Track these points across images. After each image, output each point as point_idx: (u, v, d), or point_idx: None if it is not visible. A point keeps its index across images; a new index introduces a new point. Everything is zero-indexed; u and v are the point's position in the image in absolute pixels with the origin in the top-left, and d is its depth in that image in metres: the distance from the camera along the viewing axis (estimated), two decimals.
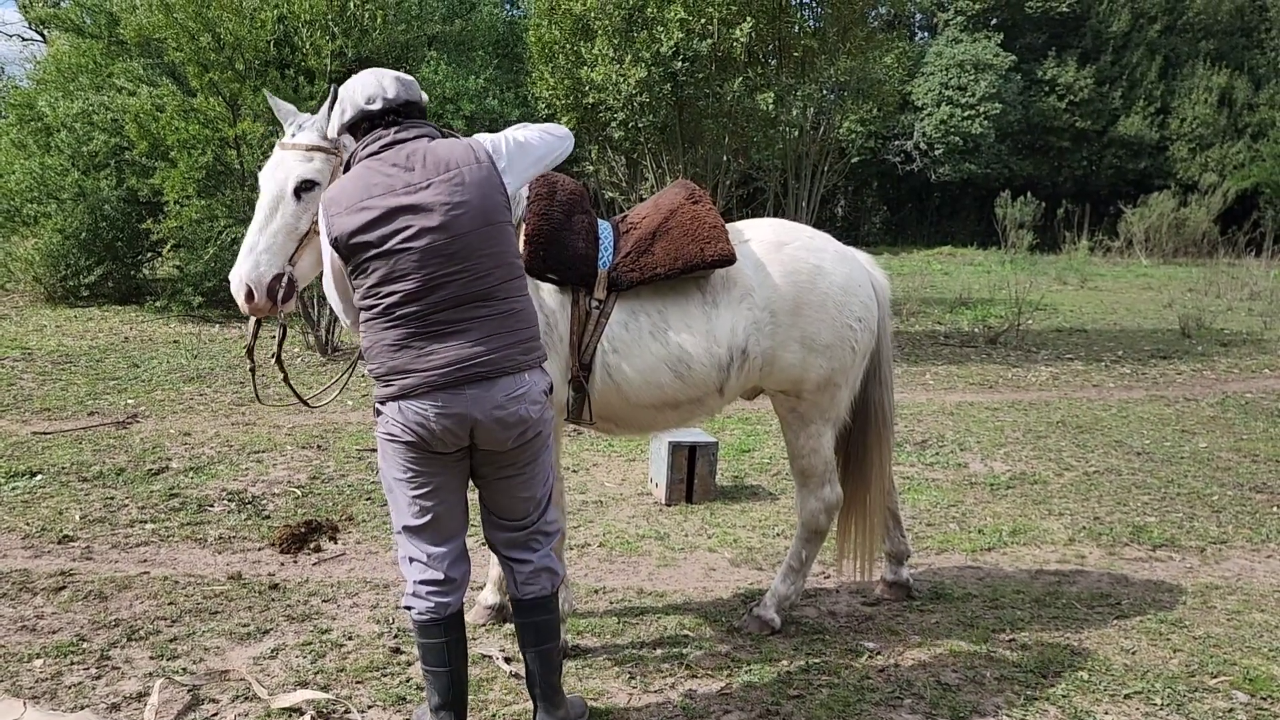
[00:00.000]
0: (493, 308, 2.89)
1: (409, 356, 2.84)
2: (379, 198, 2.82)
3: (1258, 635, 4.19)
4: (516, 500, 3.08)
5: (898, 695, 3.60)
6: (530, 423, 2.94)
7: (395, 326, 2.84)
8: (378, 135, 2.97)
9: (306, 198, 3.19)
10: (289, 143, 3.27)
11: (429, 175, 2.85)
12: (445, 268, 2.81)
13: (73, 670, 3.65)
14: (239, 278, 3.15)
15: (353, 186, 2.87)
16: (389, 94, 3.00)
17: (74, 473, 6.05)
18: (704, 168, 12.33)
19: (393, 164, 2.88)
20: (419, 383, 2.82)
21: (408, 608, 3.04)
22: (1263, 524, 5.69)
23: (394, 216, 2.80)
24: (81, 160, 13.19)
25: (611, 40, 11.15)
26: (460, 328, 2.84)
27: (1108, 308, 16.27)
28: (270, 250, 3.17)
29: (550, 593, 3.12)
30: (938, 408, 8.65)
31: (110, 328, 11.83)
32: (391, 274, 2.81)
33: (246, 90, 9.25)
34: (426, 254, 2.79)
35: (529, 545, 3.12)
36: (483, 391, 2.84)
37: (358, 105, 3.02)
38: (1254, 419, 8.43)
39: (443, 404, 2.82)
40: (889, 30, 17.60)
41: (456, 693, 3.06)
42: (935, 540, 5.34)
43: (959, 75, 28.65)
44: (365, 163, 2.92)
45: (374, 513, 5.53)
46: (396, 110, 3.01)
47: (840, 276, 3.90)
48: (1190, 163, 29.80)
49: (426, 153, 2.90)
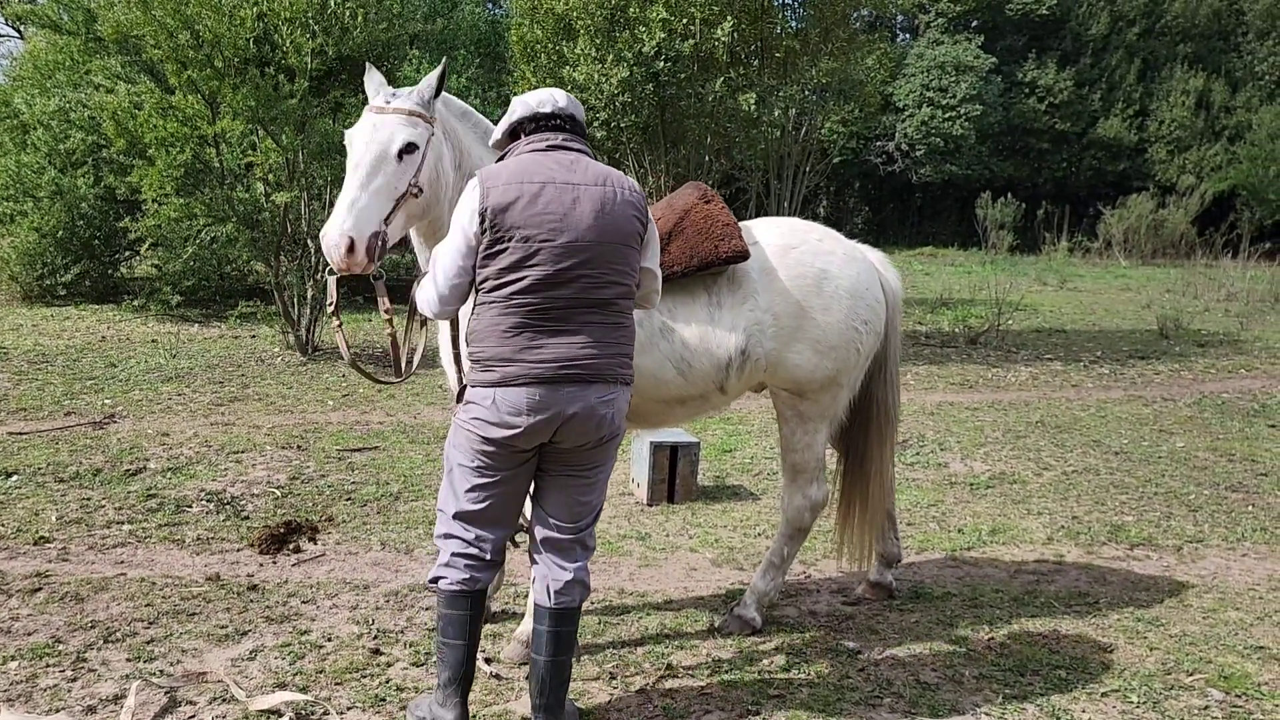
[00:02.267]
0: (605, 317, 3.02)
1: (517, 346, 2.93)
2: (537, 184, 2.96)
3: (1233, 633, 4.22)
4: (574, 503, 3.14)
5: (877, 694, 3.61)
6: (610, 427, 3.05)
7: (512, 314, 2.94)
8: (545, 137, 3.12)
9: (407, 159, 3.24)
10: (388, 107, 3.29)
11: (586, 181, 3.02)
12: (576, 269, 2.94)
13: (48, 672, 3.61)
14: (340, 231, 3.09)
15: (515, 168, 3.01)
16: (559, 104, 3.18)
17: (50, 473, 5.99)
18: (686, 168, 12.34)
19: (556, 162, 3.03)
20: (521, 373, 2.92)
21: (437, 579, 3.12)
22: (1238, 523, 5.74)
23: (547, 206, 2.93)
24: (58, 158, 13.07)
25: (594, 40, 11.15)
26: (572, 328, 2.96)
27: (1087, 308, 16.39)
28: (371, 207, 3.17)
29: (578, 605, 3.16)
30: (918, 408, 8.68)
31: (87, 327, 11.73)
32: (525, 260, 2.91)
33: (225, 88, 9.17)
34: (564, 250, 2.92)
35: (570, 553, 3.17)
36: (579, 390, 2.95)
37: (529, 107, 3.19)
38: (1230, 419, 8.50)
39: (540, 398, 2.91)
40: (871, 32, 17.66)
41: (467, 669, 3.16)
42: (915, 540, 5.36)
43: (940, 77, 28.81)
44: (530, 154, 3.07)
45: (354, 513, 5.50)
46: (562, 119, 3.17)
47: (848, 280, 3.92)
48: (1168, 165, 30.08)
49: (588, 164, 3.08)
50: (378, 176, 3.19)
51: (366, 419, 7.73)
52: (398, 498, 5.81)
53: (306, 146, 9.59)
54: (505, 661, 3.78)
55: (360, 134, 3.25)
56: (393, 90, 3.35)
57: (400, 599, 4.37)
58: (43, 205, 12.86)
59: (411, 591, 4.46)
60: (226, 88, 9.23)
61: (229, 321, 11.71)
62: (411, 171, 3.24)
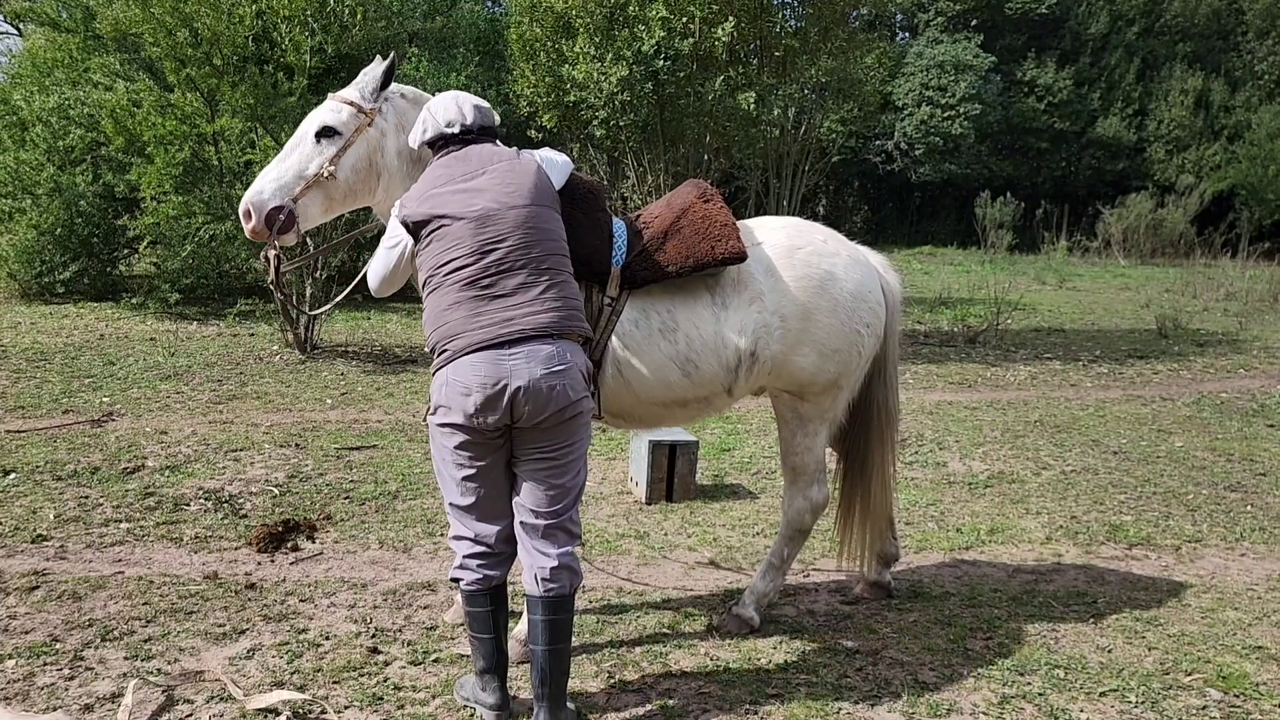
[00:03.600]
0: (539, 277, 3.11)
1: (460, 319, 3.05)
2: (442, 185, 3.16)
3: (1231, 633, 4.22)
4: (548, 486, 3.16)
5: (876, 694, 3.61)
6: (569, 402, 3.08)
7: (450, 290, 3.08)
8: (449, 150, 3.30)
9: (324, 143, 3.40)
10: (331, 94, 3.52)
11: (484, 164, 3.20)
12: (497, 235, 3.07)
13: (46, 671, 3.60)
14: (244, 201, 3.35)
15: (423, 183, 3.22)
16: (467, 120, 3.31)
17: (48, 471, 5.99)
18: (685, 166, 12.34)
19: (455, 161, 3.23)
20: (466, 343, 3.02)
21: (456, 579, 3.26)
22: (1237, 522, 5.74)
23: (454, 196, 3.12)
24: (57, 156, 13.04)
25: (593, 38, 11.14)
26: (508, 290, 3.06)
27: (1085, 308, 16.39)
28: (278, 181, 3.37)
29: (569, 593, 3.19)
30: (917, 407, 8.68)
31: (86, 325, 11.71)
32: (448, 243, 3.08)
33: (224, 86, 9.17)
34: (480, 221, 3.08)
35: (554, 539, 3.19)
36: (526, 360, 3.00)
37: (438, 127, 3.32)
38: (1229, 418, 8.51)
39: (485, 372, 2.99)
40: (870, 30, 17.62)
41: (499, 659, 3.29)
42: (914, 539, 5.36)
43: (939, 76, 28.78)
44: (434, 169, 3.26)
45: (352, 512, 5.50)
46: (470, 133, 3.32)
47: (852, 283, 3.91)
48: (1167, 164, 30.06)
49: (482, 150, 3.27)
50: (291, 155, 3.40)
51: (365, 417, 7.73)
52: (396, 496, 5.80)
53: None
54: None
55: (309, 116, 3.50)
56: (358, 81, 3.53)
57: (398, 597, 4.37)
58: (41, 203, 12.83)
59: (409, 590, 4.45)
60: (225, 85, 9.23)
61: (227, 320, 11.69)
62: (329, 155, 3.40)
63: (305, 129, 3.44)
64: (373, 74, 3.46)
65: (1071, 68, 30.79)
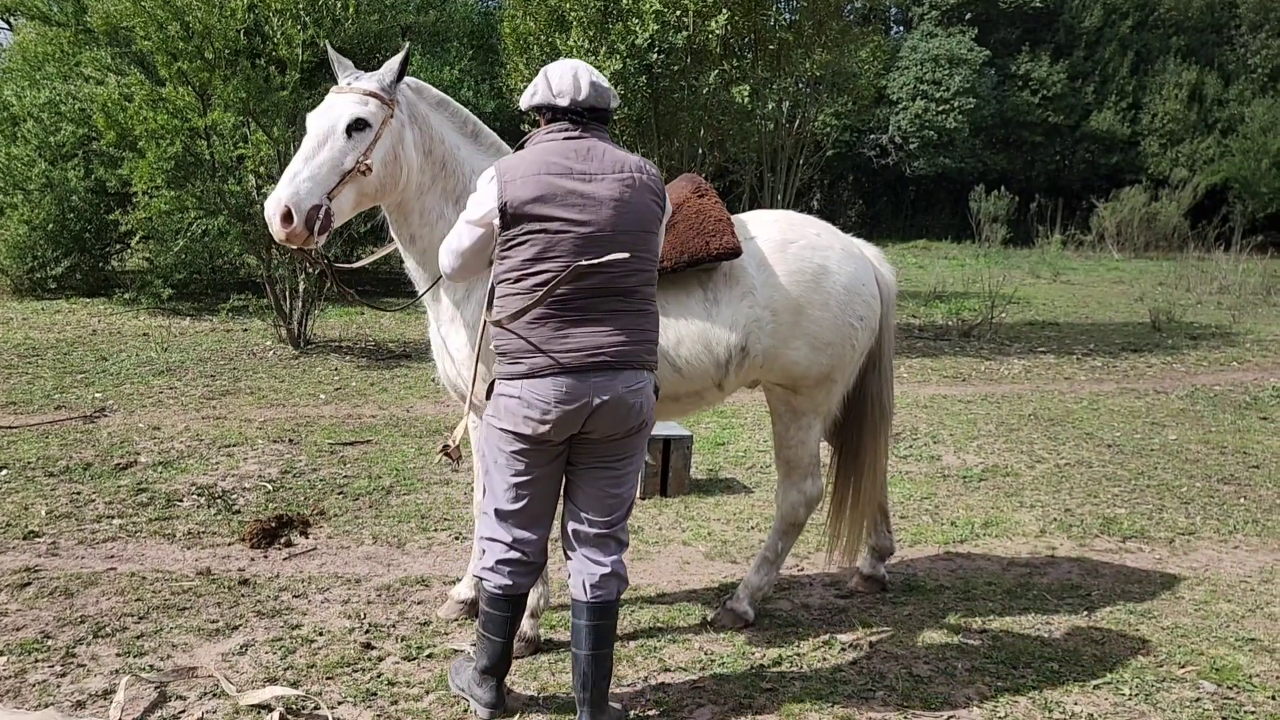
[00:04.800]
0: (630, 305, 3.03)
1: (543, 336, 2.95)
2: (555, 176, 2.95)
3: (1225, 625, 4.23)
4: (606, 495, 3.14)
5: (870, 687, 3.61)
6: (639, 417, 3.06)
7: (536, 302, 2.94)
8: (563, 127, 3.08)
9: (357, 136, 3.22)
10: (345, 87, 3.31)
11: (604, 170, 3.00)
12: (597, 258, 2.92)
13: (37, 668, 3.59)
14: (278, 200, 3.10)
15: (532, 159, 3.00)
16: (580, 94, 3.08)
17: (40, 467, 5.96)
18: (680, 160, 12.31)
19: (572, 150, 3.02)
20: (548, 364, 2.94)
21: (481, 578, 3.22)
22: (1230, 515, 5.75)
23: (566, 197, 2.93)
24: (48, 150, 12.98)
25: (587, 32, 11.10)
26: (597, 317, 2.97)
27: (1080, 301, 16.42)
28: (313, 179, 3.15)
29: (615, 598, 3.18)
30: (912, 400, 8.69)
31: (78, 320, 11.67)
32: (546, 252, 2.92)
33: (216, 80, 9.11)
34: (585, 241, 2.92)
35: (605, 547, 3.17)
36: (606, 380, 2.96)
37: (549, 96, 3.10)
38: (1222, 411, 8.52)
39: (567, 390, 2.93)
40: (864, 24, 17.62)
41: (504, 661, 3.29)
42: (908, 533, 5.36)
43: (934, 70, 28.80)
44: (545, 144, 3.05)
45: (346, 507, 5.49)
46: (581, 110, 3.10)
47: (845, 276, 3.90)
48: (1161, 158, 30.12)
49: (605, 151, 3.05)
50: (323, 150, 3.20)
51: (359, 413, 7.71)
52: (390, 492, 5.79)
53: (298, 139, 9.53)
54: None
55: (316, 112, 3.28)
56: (357, 73, 3.36)
57: (392, 593, 4.36)
58: (33, 198, 12.79)
59: (403, 585, 4.44)
60: (217, 79, 9.18)
61: (220, 315, 11.66)
62: (361, 149, 3.23)
63: (332, 123, 3.22)
64: (390, 65, 3.35)
65: (1065, 61, 30.83)
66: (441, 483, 5.98)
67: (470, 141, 3.61)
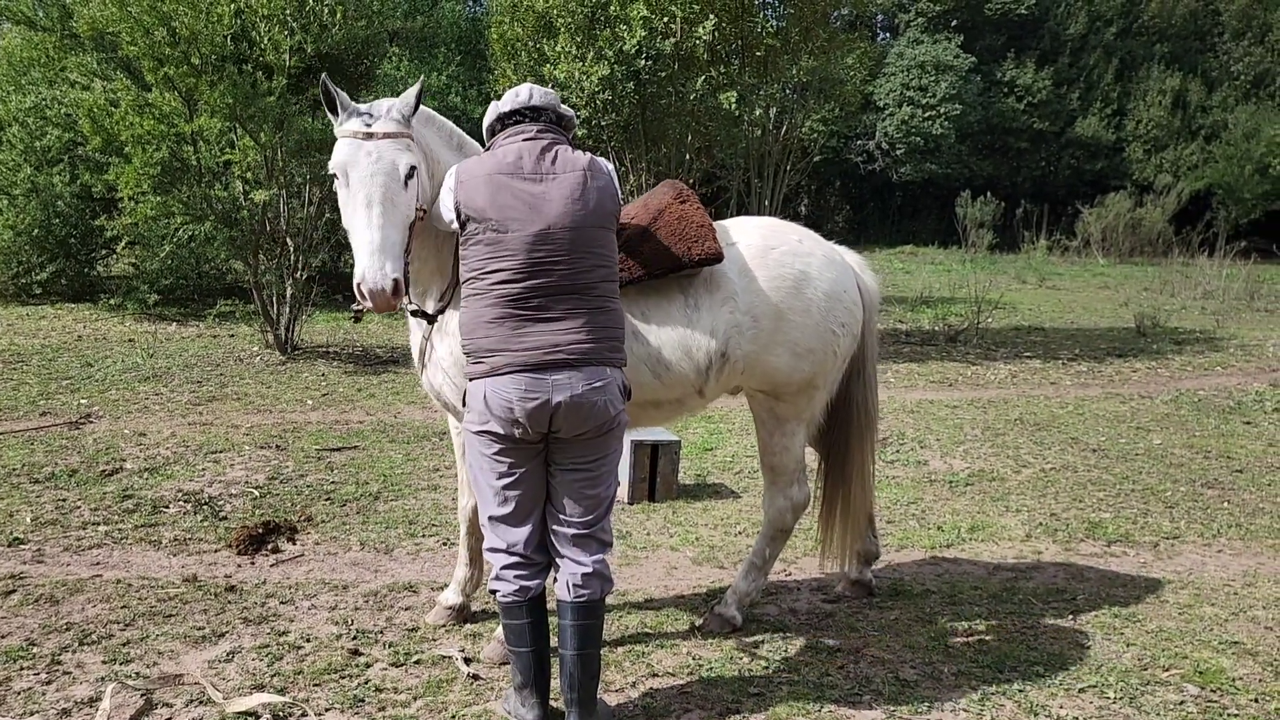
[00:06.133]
0: (589, 303, 3.07)
1: (502, 336, 3.02)
2: (507, 177, 3.06)
3: (1208, 629, 4.26)
4: (583, 497, 3.17)
5: (857, 692, 3.62)
6: (606, 417, 3.08)
7: (494, 304, 3.03)
8: (518, 130, 3.20)
9: (411, 185, 3.20)
10: (377, 131, 3.18)
11: (556, 169, 3.10)
12: (550, 256, 3.01)
13: (22, 675, 3.57)
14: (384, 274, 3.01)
15: (488, 162, 3.12)
16: (521, 99, 3.24)
17: (25, 474, 5.93)
18: (667, 166, 12.34)
19: (526, 152, 3.12)
20: (507, 362, 3.00)
21: (494, 590, 3.23)
22: (1214, 519, 5.79)
23: (515, 196, 3.03)
24: (34, 156, 12.93)
25: (574, 38, 11.13)
26: (555, 315, 3.03)
27: (1065, 306, 16.51)
28: (399, 243, 3.11)
29: (600, 598, 3.19)
30: (898, 405, 8.72)
31: (63, 326, 11.62)
32: (499, 252, 3.01)
33: (203, 85, 9.08)
34: (536, 239, 3.00)
35: (587, 547, 3.19)
36: (567, 378, 3.00)
37: (496, 108, 3.29)
38: (1206, 416, 8.58)
39: (527, 388, 2.98)
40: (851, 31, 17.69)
41: (538, 671, 3.25)
42: (895, 537, 5.38)
43: (920, 76, 28.93)
44: (503, 147, 3.16)
45: (333, 513, 5.47)
46: (526, 112, 3.23)
47: (826, 282, 3.91)
48: (1146, 164, 30.32)
49: (558, 151, 3.15)
50: (395, 209, 3.12)
51: (346, 418, 7.69)
52: (377, 497, 5.78)
53: (285, 144, 9.53)
54: (485, 661, 3.77)
55: (359, 164, 3.12)
56: (368, 109, 3.24)
57: (379, 599, 4.35)
58: (18, 203, 12.73)
59: (391, 591, 4.44)
60: (204, 85, 9.15)
61: (207, 320, 11.62)
62: (414, 195, 3.21)
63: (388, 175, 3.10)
64: (407, 100, 3.26)
65: (1050, 68, 31.02)
66: (429, 488, 5.97)
67: (456, 155, 3.57)
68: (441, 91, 17.86)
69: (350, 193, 3.13)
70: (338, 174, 3.17)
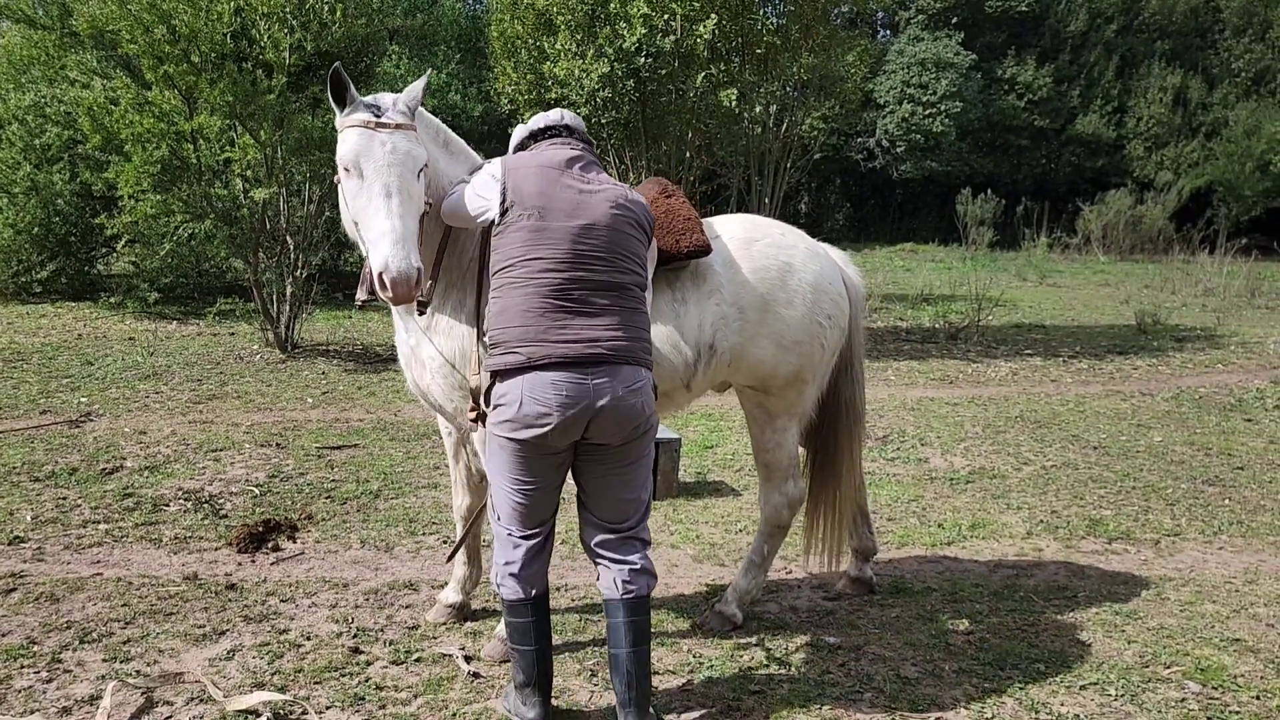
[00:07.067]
0: (626, 302, 3.10)
1: (541, 327, 2.97)
2: (555, 171, 3.14)
3: (1209, 626, 4.26)
4: (620, 502, 3.15)
5: (858, 689, 3.62)
6: (643, 419, 3.07)
7: (533, 294, 2.99)
8: (561, 141, 3.31)
9: (423, 176, 3.24)
10: (389, 122, 3.16)
11: (602, 182, 3.20)
12: (593, 250, 3.05)
13: (23, 674, 3.57)
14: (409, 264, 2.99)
15: (537, 157, 3.21)
16: (553, 117, 3.40)
17: (25, 472, 5.93)
18: (667, 164, 12.33)
19: (572, 159, 3.22)
20: (545, 354, 2.94)
21: (498, 586, 3.21)
22: (1215, 516, 5.79)
23: (565, 188, 3.10)
24: (34, 154, 12.93)
25: (574, 35, 11.12)
26: (595, 310, 3.03)
27: (1066, 304, 16.50)
28: (415, 233, 3.11)
29: (648, 593, 3.18)
30: (899, 403, 8.71)
31: (63, 325, 11.62)
32: (542, 240, 3.02)
33: (203, 83, 9.08)
34: (581, 231, 3.04)
35: (629, 548, 3.18)
36: (607, 381, 2.97)
37: (532, 127, 3.40)
38: (1207, 413, 8.57)
39: (568, 393, 2.93)
40: (851, 28, 17.70)
41: (540, 671, 3.23)
42: (896, 535, 5.38)
43: (920, 73, 28.92)
44: (548, 151, 3.25)
45: (333, 511, 5.47)
46: (562, 128, 3.37)
47: (810, 274, 3.91)
48: (1146, 161, 30.31)
49: (600, 172, 3.27)
50: (411, 200, 3.11)
51: (346, 416, 7.69)
52: (378, 495, 5.78)
53: (285, 142, 9.52)
54: (485, 659, 3.77)
55: (374, 155, 3.10)
56: (374, 101, 3.23)
57: (380, 597, 4.35)
58: (18, 201, 12.73)
59: (391, 589, 4.44)
60: (204, 83, 9.15)
61: (207, 319, 11.62)
62: (424, 187, 3.23)
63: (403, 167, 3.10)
64: (414, 93, 3.26)
65: (1051, 65, 31.01)
66: (430, 486, 5.97)
67: (443, 151, 3.55)
68: (441, 89, 17.86)
69: (365, 183, 3.10)
70: (348, 165, 3.13)
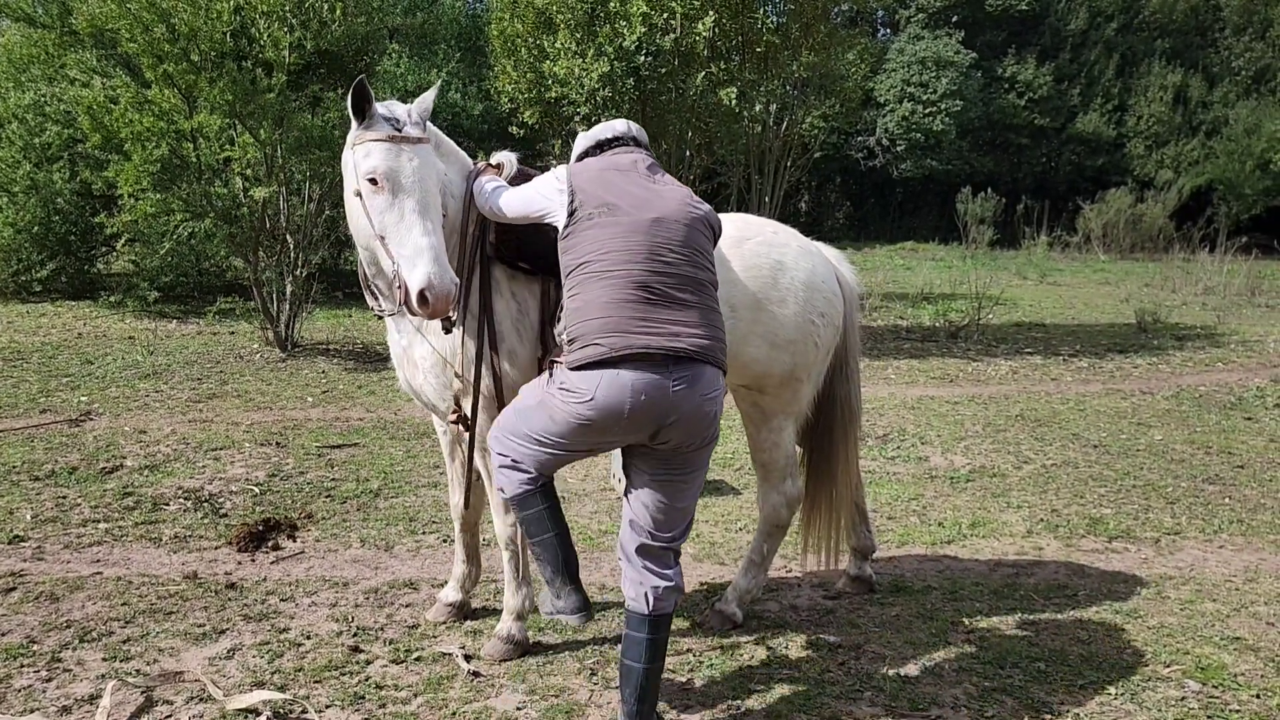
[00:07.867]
0: (706, 299, 3.06)
1: (622, 318, 2.89)
2: (620, 174, 3.16)
3: (1210, 624, 4.25)
4: (672, 510, 3.08)
5: (858, 688, 3.62)
6: (713, 429, 3.03)
7: (614, 286, 2.93)
8: (625, 149, 3.33)
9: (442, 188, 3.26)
10: (412, 135, 3.21)
11: (669, 183, 3.21)
12: (668, 243, 3.01)
13: (23, 673, 3.57)
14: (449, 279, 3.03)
15: (600, 162, 3.24)
16: (619, 128, 3.39)
17: (25, 472, 5.93)
18: (667, 163, 12.33)
19: (633, 160, 3.24)
20: (628, 345, 2.86)
21: (500, 489, 3.17)
22: (1215, 515, 5.79)
23: (633, 186, 3.11)
24: (33, 153, 12.92)
25: (574, 34, 11.11)
26: (679, 303, 2.97)
27: (1066, 303, 16.49)
28: (443, 249, 3.12)
29: (672, 611, 3.14)
30: (899, 402, 8.71)
31: (63, 324, 11.61)
32: (618, 233, 2.98)
33: (202, 82, 9.08)
34: (654, 224, 3.01)
35: (666, 560, 3.13)
36: (686, 388, 2.89)
37: (597, 137, 3.39)
38: (1207, 412, 8.57)
39: (650, 398, 2.85)
40: (851, 27, 17.70)
41: (564, 557, 3.15)
42: (896, 533, 5.38)
43: (920, 72, 28.90)
44: (611, 158, 3.27)
45: (333, 510, 5.47)
46: (629, 139, 3.38)
47: (803, 272, 3.90)
48: (1146, 160, 30.28)
49: (666, 175, 3.27)
50: (439, 214, 3.18)
51: (346, 415, 7.69)
52: (378, 494, 5.78)
53: (285, 141, 9.51)
54: (485, 659, 3.76)
55: (405, 170, 3.13)
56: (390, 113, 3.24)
57: (380, 596, 4.35)
58: (18, 200, 12.73)
59: (391, 588, 4.43)
60: (203, 82, 9.14)
61: (207, 318, 11.61)
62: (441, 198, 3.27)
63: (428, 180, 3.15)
64: (426, 105, 3.29)
65: (1051, 64, 30.98)
66: (429, 485, 5.97)
67: (438, 154, 3.56)
68: (441, 89, 17.83)
69: (398, 199, 3.12)
70: (378, 179, 3.12)
